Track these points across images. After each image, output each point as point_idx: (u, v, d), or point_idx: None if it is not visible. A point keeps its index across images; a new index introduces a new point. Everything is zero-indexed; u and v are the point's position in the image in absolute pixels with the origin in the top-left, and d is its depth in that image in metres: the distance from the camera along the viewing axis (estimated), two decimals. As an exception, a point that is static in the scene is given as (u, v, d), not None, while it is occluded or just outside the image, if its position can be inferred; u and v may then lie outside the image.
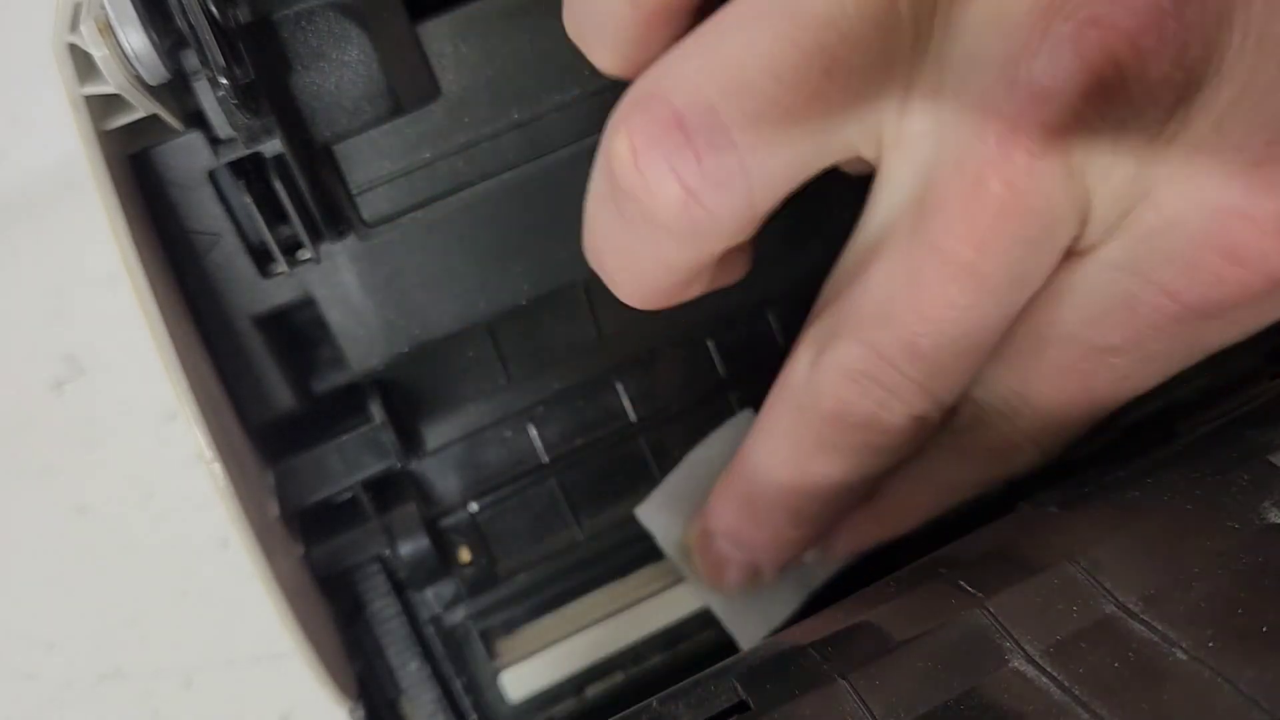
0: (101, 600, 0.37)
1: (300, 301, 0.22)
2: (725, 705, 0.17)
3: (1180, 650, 0.16)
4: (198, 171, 0.21)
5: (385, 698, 0.25)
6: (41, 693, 0.38)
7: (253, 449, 0.23)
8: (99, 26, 0.18)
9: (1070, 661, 0.17)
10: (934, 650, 0.18)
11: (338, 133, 0.21)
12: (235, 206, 0.21)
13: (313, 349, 0.24)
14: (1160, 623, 0.17)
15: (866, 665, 0.17)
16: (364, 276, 0.22)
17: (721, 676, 0.17)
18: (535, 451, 0.25)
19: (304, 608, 0.22)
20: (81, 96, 0.19)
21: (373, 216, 0.22)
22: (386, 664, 0.25)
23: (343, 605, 0.24)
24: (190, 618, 0.38)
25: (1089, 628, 0.17)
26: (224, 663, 0.38)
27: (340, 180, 0.21)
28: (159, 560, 0.38)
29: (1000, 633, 0.18)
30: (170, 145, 0.20)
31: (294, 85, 0.20)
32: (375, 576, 0.25)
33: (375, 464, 0.23)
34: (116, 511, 0.37)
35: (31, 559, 0.37)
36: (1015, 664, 0.17)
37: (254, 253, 0.22)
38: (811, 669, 0.18)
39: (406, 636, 0.25)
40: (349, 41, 0.20)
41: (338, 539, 0.24)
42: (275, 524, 0.22)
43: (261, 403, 0.22)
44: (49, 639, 0.38)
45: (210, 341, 0.22)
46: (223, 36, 0.18)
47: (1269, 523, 0.19)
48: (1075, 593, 0.18)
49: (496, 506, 0.25)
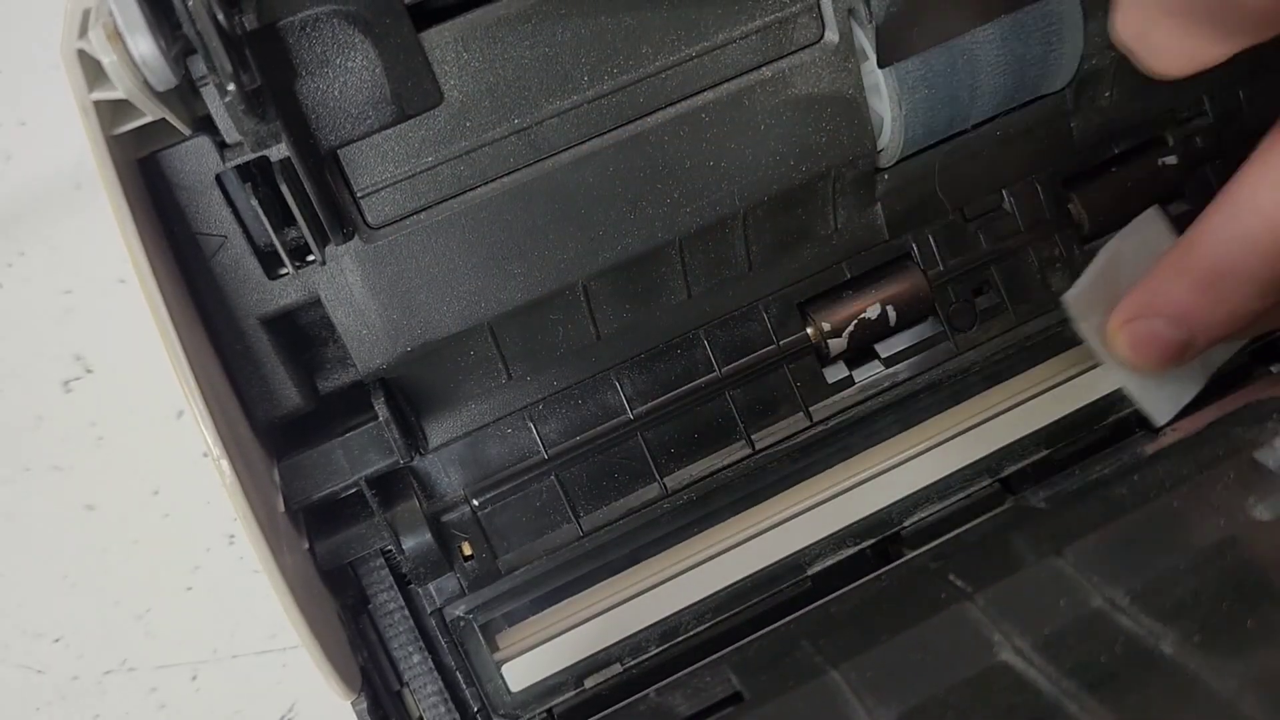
0: (109, 595, 0.38)
1: (306, 302, 0.22)
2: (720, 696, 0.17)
3: (1167, 644, 0.17)
4: (205, 175, 0.21)
5: (389, 689, 0.25)
6: (49, 686, 0.38)
7: (259, 446, 0.23)
8: (107, 33, 0.18)
9: (1059, 654, 0.17)
10: (925, 643, 0.18)
11: (343, 137, 0.21)
12: (242, 209, 0.21)
13: (318, 349, 0.24)
14: (1147, 617, 0.17)
15: (858, 657, 0.18)
16: (369, 278, 0.22)
17: (717, 668, 0.18)
18: (535, 448, 0.25)
19: (308, 602, 0.22)
20: (91, 102, 0.19)
21: (377, 219, 0.22)
22: (389, 656, 0.25)
23: (346, 599, 0.25)
24: (196, 612, 0.38)
25: (1077, 621, 0.18)
26: (229, 656, 0.38)
27: (345, 184, 0.22)
28: (166, 556, 0.38)
29: (990, 626, 0.18)
30: (178, 149, 0.21)
31: (300, 91, 0.20)
32: (379, 571, 0.25)
33: (379, 461, 0.24)
34: (124, 508, 0.38)
35: (40, 555, 0.38)
36: (1005, 656, 0.17)
37: (261, 255, 0.22)
38: (804, 660, 0.18)
39: (409, 629, 0.25)
40: (354, 48, 0.20)
41: (342, 534, 0.24)
42: (281, 520, 0.23)
43: (268, 401, 0.23)
44: (57, 633, 0.38)
45: (217, 341, 0.22)
46: (229, 43, 0.18)
47: (1254, 519, 0.19)
48: (1064, 587, 0.18)
49: (497, 502, 0.25)
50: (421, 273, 0.22)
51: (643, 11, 0.22)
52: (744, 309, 0.25)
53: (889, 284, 0.26)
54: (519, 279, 0.23)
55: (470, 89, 0.21)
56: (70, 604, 0.38)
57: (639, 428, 0.25)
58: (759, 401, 0.26)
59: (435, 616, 0.25)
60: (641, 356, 0.25)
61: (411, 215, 0.22)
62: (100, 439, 0.37)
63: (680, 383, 0.25)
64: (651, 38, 0.22)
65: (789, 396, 0.26)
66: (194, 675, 0.38)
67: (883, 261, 0.26)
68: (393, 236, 0.22)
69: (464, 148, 0.22)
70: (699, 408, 0.25)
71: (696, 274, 0.24)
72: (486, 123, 0.22)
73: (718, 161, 0.23)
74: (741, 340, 0.25)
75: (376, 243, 0.22)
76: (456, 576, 0.25)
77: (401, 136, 0.21)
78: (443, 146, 0.22)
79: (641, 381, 0.25)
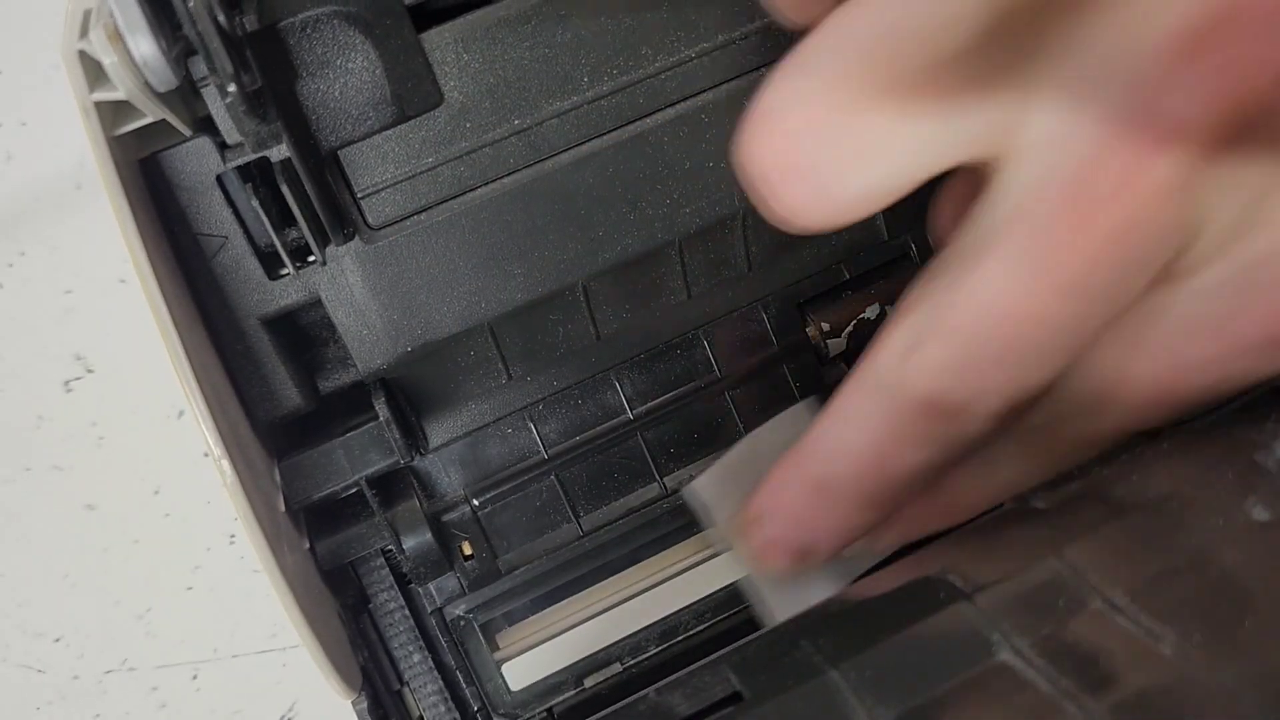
0: (109, 595, 0.38)
1: (307, 303, 0.22)
2: (720, 695, 0.17)
3: (1166, 644, 0.17)
4: (206, 176, 0.21)
5: (389, 688, 0.25)
6: (50, 685, 0.38)
7: (259, 446, 0.23)
8: (108, 34, 0.18)
9: (1057, 655, 0.17)
10: (924, 643, 0.18)
11: (343, 138, 0.21)
12: (243, 210, 0.21)
13: (319, 349, 0.24)
14: (1146, 618, 0.17)
15: (858, 657, 0.18)
16: (369, 279, 0.22)
17: (716, 667, 0.17)
18: (535, 448, 0.25)
19: (309, 601, 0.22)
20: (92, 102, 0.19)
21: (378, 220, 0.22)
22: (390, 656, 0.25)
23: (347, 599, 0.25)
24: (197, 612, 0.38)
25: (1076, 622, 0.18)
26: (230, 656, 0.38)
27: (346, 184, 0.22)
28: (166, 555, 0.38)
29: (989, 626, 0.18)
30: (179, 150, 0.21)
31: (300, 92, 0.20)
32: (379, 571, 0.25)
33: (379, 460, 0.24)
34: (125, 508, 0.38)
35: (41, 555, 0.38)
36: (1004, 657, 0.17)
37: (261, 255, 0.22)
38: (804, 660, 0.18)
39: (410, 629, 0.25)
40: (354, 49, 0.20)
41: (342, 534, 0.24)
42: (281, 519, 0.23)
43: (269, 401, 0.23)
44: (57, 633, 0.38)
45: (218, 341, 0.22)
46: (230, 44, 0.18)
47: (1254, 519, 0.19)
48: (1062, 587, 0.18)
49: (497, 502, 0.25)
50: (422, 273, 0.22)
51: (643, 12, 0.22)
52: (744, 309, 0.25)
53: (889, 284, 0.26)
54: (519, 279, 0.23)
55: (470, 90, 0.21)
56: (71, 604, 0.38)
57: (639, 428, 0.25)
58: (759, 401, 0.26)
59: (435, 616, 0.25)
60: (641, 356, 0.25)
61: (412, 216, 0.22)
62: (101, 439, 0.37)
63: (680, 383, 0.25)
64: (651, 38, 0.22)
65: (789, 396, 0.26)
66: (194, 675, 0.38)
67: (882, 261, 0.26)
68: (393, 237, 0.22)
69: (464, 148, 0.22)
70: (699, 408, 0.25)
71: (696, 274, 0.24)
72: (487, 123, 0.22)
73: (718, 162, 0.23)
74: (741, 340, 0.25)
75: (377, 243, 0.22)
76: (457, 576, 0.25)
77: (402, 137, 0.21)
78: (443, 147, 0.22)
79: (641, 381, 0.25)
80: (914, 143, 0.17)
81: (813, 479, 0.20)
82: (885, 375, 0.19)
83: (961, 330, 0.18)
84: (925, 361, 0.18)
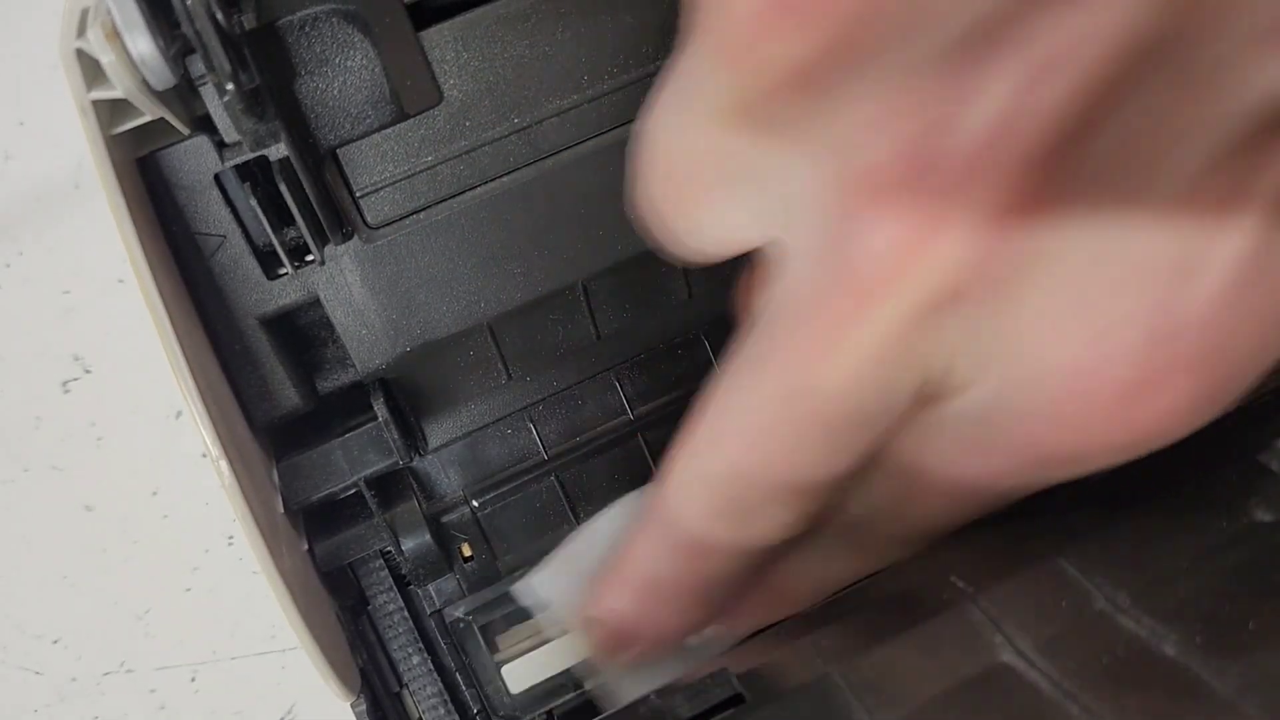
0: (108, 596, 0.38)
1: (305, 302, 0.22)
2: (721, 698, 0.17)
3: (1169, 645, 0.17)
4: (204, 175, 0.21)
5: (388, 691, 0.25)
6: (48, 687, 0.38)
7: (258, 446, 0.23)
8: (106, 32, 0.18)
9: (1060, 656, 0.17)
10: (926, 644, 0.18)
11: (342, 137, 0.21)
12: (241, 209, 0.21)
13: (317, 349, 0.24)
14: (1149, 618, 0.17)
15: (859, 659, 0.18)
16: (368, 278, 0.22)
17: (717, 670, 0.17)
18: (535, 449, 0.25)
19: (308, 603, 0.22)
20: (89, 101, 0.19)
21: (376, 219, 0.22)
22: (389, 658, 0.25)
23: (346, 600, 0.25)
24: (195, 613, 0.38)
25: (1079, 622, 0.18)
26: (229, 657, 0.38)
27: (344, 183, 0.22)
28: (165, 556, 0.38)
29: (992, 627, 0.18)
30: (177, 149, 0.21)
31: (299, 90, 0.20)
32: (378, 572, 0.25)
33: (379, 461, 0.24)
34: (123, 508, 0.38)
35: (39, 556, 0.38)
36: (1006, 658, 0.17)
37: (260, 255, 0.22)
38: (805, 663, 0.18)
39: (409, 631, 0.25)
40: (353, 48, 0.20)
41: (341, 535, 0.24)
42: (280, 520, 0.23)
43: (268, 402, 0.23)
44: (55, 634, 0.38)
45: (216, 342, 0.22)
46: (228, 42, 0.18)
47: (1257, 520, 0.19)
48: (1066, 588, 0.18)
49: (497, 503, 0.25)
50: (421, 272, 0.22)
51: (643, 11, 0.22)
52: (744, 309, 0.25)
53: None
54: (519, 278, 0.23)
55: (470, 88, 0.21)
56: (69, 605, 0.38)
57: (639, 428, 0.25)
58: (759, 402, 0.26)
59: (435, 618, 0.25)
60: (641, 356, 0.25)
61: (411, 215, 0.22)
62: (99, 439, 0.37)
63: (681, 383, 0.25)
64: (652, 37, 0.22)
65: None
66: (193, 676, 0.38)
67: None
68: (392, 236, 0.22)
69: (463, 147, 0.22)
70: (699, 408, 0.25)
71: (696, 273, 0.24)
72: (486, 122, 0.21)
73: (718, 161, 0.23)
74: (742, 340, 0.25)
75: (376, 242, 0.22)
76: (456, 578, 0.25)
77: (401, 136, 0.21)
78: (442, 146, 0.21)
79: (641, 381, 0.25)
80: (726, 213, 0.17)
81: (637, 581, 0.20)
82: (665, 510, 0.19)
83: (714, 475, 0.18)
84: (693, 505, 0.18)
